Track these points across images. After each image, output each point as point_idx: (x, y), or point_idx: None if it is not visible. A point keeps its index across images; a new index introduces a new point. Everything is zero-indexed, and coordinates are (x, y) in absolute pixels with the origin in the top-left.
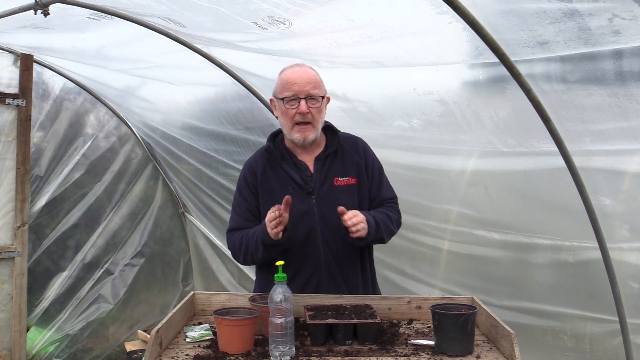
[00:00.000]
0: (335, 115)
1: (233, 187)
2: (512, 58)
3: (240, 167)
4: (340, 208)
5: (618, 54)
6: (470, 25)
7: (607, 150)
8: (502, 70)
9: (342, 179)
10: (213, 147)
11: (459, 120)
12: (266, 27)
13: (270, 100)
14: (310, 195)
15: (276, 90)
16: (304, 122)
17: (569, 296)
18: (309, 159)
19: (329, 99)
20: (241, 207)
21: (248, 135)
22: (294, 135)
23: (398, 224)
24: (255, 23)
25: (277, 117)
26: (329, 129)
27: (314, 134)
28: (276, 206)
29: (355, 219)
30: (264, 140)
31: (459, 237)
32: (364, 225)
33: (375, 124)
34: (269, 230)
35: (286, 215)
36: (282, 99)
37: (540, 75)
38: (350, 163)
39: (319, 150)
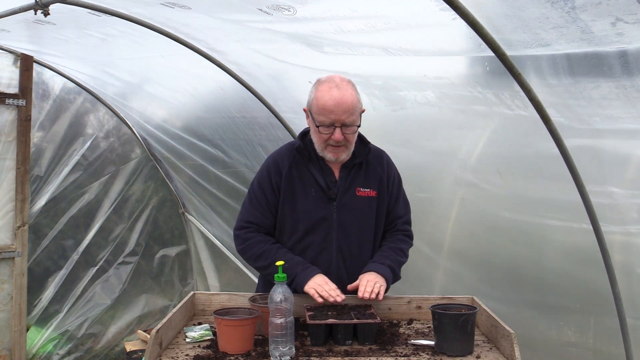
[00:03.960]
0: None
1: (237, 184)
2: (516, 54)
3: (245, 160)
4: (350, 286)
5: (623, 52)
6: (470, 25)
7: (615, 131)
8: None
9: (364, 190)
10: (217, 144)
11: (472, 99)
12: (270, 13)
13: (304, 109)
14: (331, 202)
15: (312, 108)
16: (336, 146)
17: (573, 290)
18: (335, 165)
19: (363, 110)
20: (260, 202)
21: (252, 129)
22: (325, 154)
23: (407, 250)
24: (260, 9)
25: (309, 126)
26: (360, 139)
27: (346, 154)
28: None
29: (369, 287)
30: (267, 132)
31: (466, 218)
32: (378, 283)
33: (389, 97)
34: (330, 292)
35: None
36: (317, 125)
37: (547, 68)
38: (373, 176)
39: (347, 158)
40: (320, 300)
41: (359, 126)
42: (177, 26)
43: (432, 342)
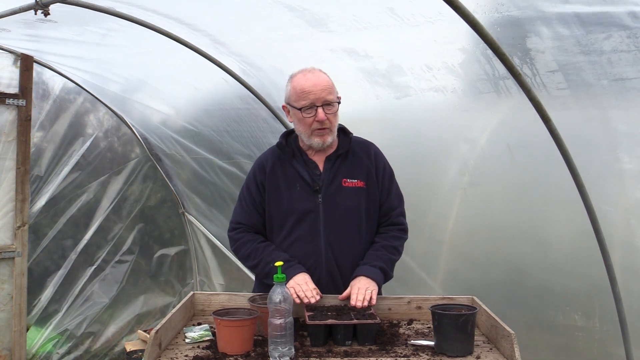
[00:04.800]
0: (353, 79)
1: (242, 175)
2: (525, 15)
3: (249, 151)
4: (341, 296)
5: (632, 12)
6: (470, 25)
7: (628, 104)
8: (522, 21)
9: (351, 180)
10: (221, 136)
11: (479, 69)
12: None
13: (283, 106)
14: (317, 194)
15: (290, 98)
16: (322, 128)
17: (580, 274)
18: (319, 159)
19: (339, 98)
20: (247, 202)
21: (255, 122)
22: (313, 140)
23: (401, 247)
24: None
25: (291, 122)
26: (341, 130)
27: (332, 137)
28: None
29: (360, 296)
30: (271, 126)
31: (467, 211)
32: (369, 290)
33: (392, 84)
34: (306, 292)
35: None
36: (299, 108)
37: (557, 20)
38: (360, 166)
39: (330, 151)
40: (297, 301)
41: (339, 103)
42: (181, 17)
43: (432, 343)
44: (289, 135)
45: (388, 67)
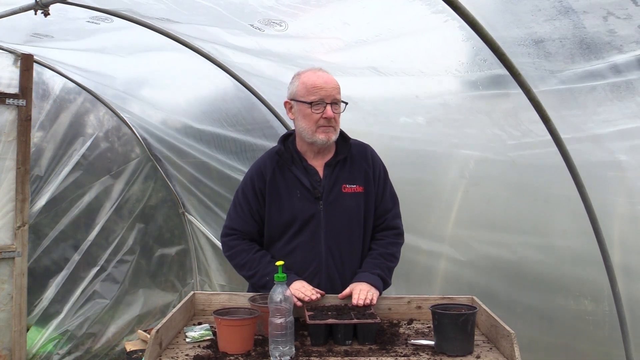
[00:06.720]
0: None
1: (239, 177)
2: (510, 58)
3: (238, 163)
4: (341, 295)
5: (614, 65)
6: (469, 25)
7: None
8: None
9: (350, 186)
10: (214, 147)
11: (463, 118)
12: (262, 29)
13: (285, 102)
14: (317, 200)
15: (297, 94)
16: (328, 125)
17: (580, 274)
18: (318, 164)
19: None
20: (243, 209)
21: (247, 136)
22: (318, 137)
23: (398, 253)
24: (252, 25)
25: (292, 119)
26: (340, 135)
27: (335, 135)
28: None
29: (362, 295)
30: (263, 142)
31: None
32: (370, 292)
33: (379, 120)
34: (305, 293)
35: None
36: (310, 103)
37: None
38: (358, 171)
39: (329, 156)
40: (299, 304)
41: (346, 104)
42: (177, 31)
43: (432, 342)
44: (286, 140)
45: (375, 111)
